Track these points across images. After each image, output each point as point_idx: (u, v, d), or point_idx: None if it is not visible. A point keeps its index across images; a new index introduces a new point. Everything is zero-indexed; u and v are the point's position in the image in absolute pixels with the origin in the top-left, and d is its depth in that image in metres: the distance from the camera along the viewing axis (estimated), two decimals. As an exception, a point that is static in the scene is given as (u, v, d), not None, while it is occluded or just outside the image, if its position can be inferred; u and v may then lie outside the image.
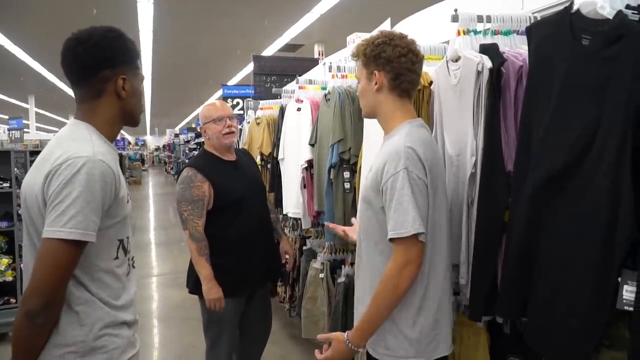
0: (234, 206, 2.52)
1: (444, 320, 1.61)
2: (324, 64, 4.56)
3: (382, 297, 1.52)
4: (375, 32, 1.72)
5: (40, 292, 1.21)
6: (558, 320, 1.44)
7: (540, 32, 1.57)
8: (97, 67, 1.36)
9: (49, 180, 1.25)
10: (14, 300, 4.33)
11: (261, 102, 4.87)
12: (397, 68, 1.60)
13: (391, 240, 1.51)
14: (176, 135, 27.06)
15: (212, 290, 2.45)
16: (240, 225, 2.53)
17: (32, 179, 1.31)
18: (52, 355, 1.27)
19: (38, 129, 22.28)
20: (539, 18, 1.91)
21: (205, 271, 2.46)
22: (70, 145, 1.30)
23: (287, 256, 2.94)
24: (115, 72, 1.38)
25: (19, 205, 4.45)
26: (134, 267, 1.48)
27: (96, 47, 1.35)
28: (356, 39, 4.27)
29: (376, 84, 1.64)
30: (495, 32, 1.95)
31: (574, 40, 1.43)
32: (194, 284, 2.60)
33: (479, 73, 1.72)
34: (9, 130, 7.39)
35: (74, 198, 1.22)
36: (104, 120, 1.40)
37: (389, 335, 1.57)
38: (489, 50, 1.75)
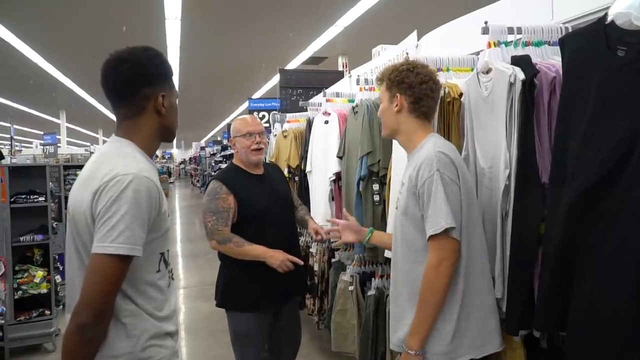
0: (258, 219, 2.52)
1: (490, 318, 1.73)
2: (350, 76, 4.59)
3: (426, 297, 1.64)
4: (400, 57, 1.84)
5: (91, 306, 1.24)
6: (599, 333, 1.40)
7: (573, 43, 1.56)
8: (140, 85, 1.41)
9: (97, 197, 1.29)
10: (49, 312, 4.41)
11: (288, 115, 4.92)
12: (417, 93, 1.78)
13: (428, 239, 1.63)
14: (202, 148, 27.43)
15: (273, 257, 2.41)
16: (263, 238, 2.50)
17: (80, 195, 1.35)
18: None
19: (69, 143, 22.85)
20: (569, 29, 1.89)
21: (255, 251, 2.43)
22: (116, 163, 1.34)
23: (317, 235, 2.70)
24: (155, 89, 1.43)
25: (53, 219, 4.57)
26: (173, 279, 1.51)
27: (138, 66, 1.40)
28: (381, 51, 4.29)
29: (397, 105, 1.81)
30: (526, 44, 1.93)
31: (608, 52, 1.42)
32: (220, 297, 2.61)
33: (511, 85, 1.72)
34: (43, 145, 7.63)
35: (123, 214, 1.26)
36: (144, 137, 1.45)
37: (437, 334, 1.66)
38: (521, 61, 1.74)
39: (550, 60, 1.83)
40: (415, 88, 1.77)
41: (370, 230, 2.22)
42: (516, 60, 1.77)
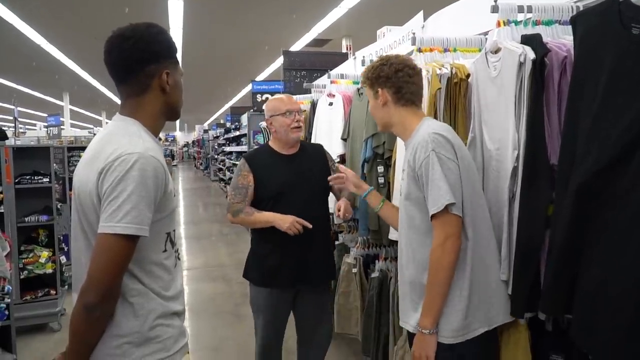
0: (273, 200, 2.52)
1: (499, 291, 1.77)
2: (355, 58, 4.54)
3: (435, 276, 1.66)
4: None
5: (97, 286, 1.23)
6: (607, 317, 1.39)
7: (586, 21, 1.52)
8: (144, 62, 1.38)
9: (102, 177, 1.27)
10: (54, 292, 4.44)
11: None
12: (396, 82, 1.85)
13: (431, 218, 1.64)
14: (205, 131, 27.43)
15: (282, 219, 2.42)
16: None
17: (85, 175, 1.33)
18: (109, 346, 1.30)
19: (72, 125, 22.83)
20: (580, 7, 1.85)
21: (265, 217, 2.48)
22: (121, 142, 1.31)
23: (339, 211, 2.51)
24: (159, 67, 1.40)
25: (58, 200, 4.57)
26: (179, 259, 1.50)
27: (141, 42, 1.37)
28: (386, 32, 4.23)
29: (381, 99, 1.88)
30: (536, 23, 1.90)
31: (622, 30, 1.39)
32: (245, 269, 2.69)
33: (521, 64, 1.69)
34: (47, 126, 7.62)
35: (129, 194, 1.24)
36: (149, 116, 1.42)
37: (451, 311, 1.69)
38: (531, 40, 1.71)
39: (561, 39, 1.80)
40: (393, 78, 1.84)
41: (382, 200, 2.22)
42: (527, 39, 1.74)
